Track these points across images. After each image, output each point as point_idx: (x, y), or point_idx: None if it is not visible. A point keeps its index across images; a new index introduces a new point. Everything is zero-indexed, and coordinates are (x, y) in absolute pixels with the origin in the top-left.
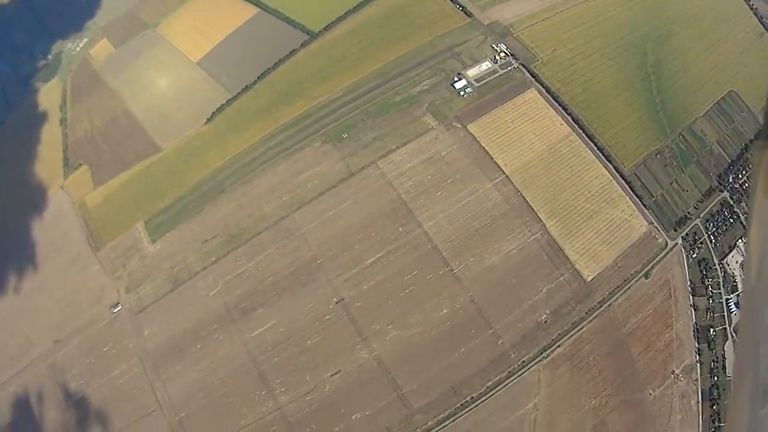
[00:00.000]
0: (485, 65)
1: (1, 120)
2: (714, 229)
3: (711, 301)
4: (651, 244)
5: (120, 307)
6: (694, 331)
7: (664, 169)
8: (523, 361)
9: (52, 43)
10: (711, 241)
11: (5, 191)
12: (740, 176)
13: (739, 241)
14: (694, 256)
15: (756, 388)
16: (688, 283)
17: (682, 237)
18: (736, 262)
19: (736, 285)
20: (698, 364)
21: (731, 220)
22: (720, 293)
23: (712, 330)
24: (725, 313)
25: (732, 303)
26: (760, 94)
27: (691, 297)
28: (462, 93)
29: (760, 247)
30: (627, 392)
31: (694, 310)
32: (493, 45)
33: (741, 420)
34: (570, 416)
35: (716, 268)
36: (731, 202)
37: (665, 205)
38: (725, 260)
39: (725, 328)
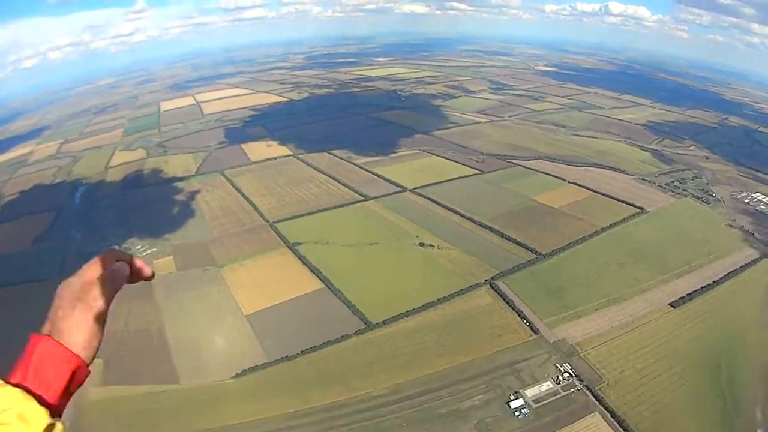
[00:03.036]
0: (546, 385)
1: (48, 277)
2: None
3: None
4: None
5: None
6: None
7: None
8: None
9: (127, 237)
10: None
11: (22, 345)
12: None
13: None
14: None
15: None
16: None
17: None
18: None
19: None
20: None
21: None
22: None
23: None
24: None
25: None
26: None
27: None
28: (517, 413)
29: None
30: None
31: None
32: (557, 365)
33: None
34: None
35: None
36: None
37: None
38: None
39: None
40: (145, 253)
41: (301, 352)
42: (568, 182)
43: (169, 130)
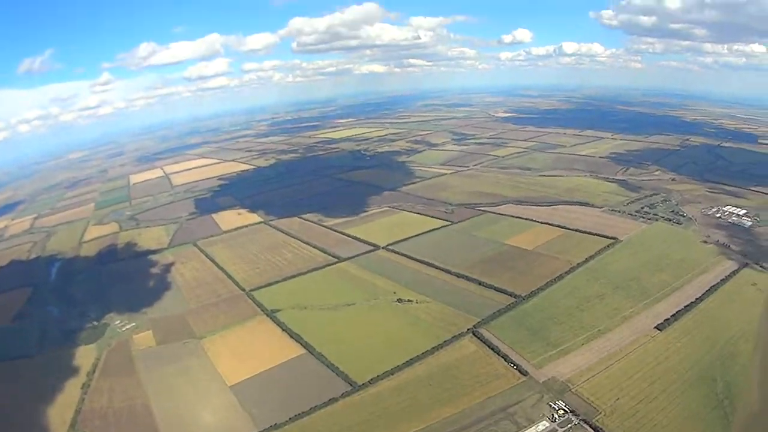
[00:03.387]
0: (542, 425)
1: (30, 354)
2: None
3: None
4: None
5: None
6: None
7: None
8: None
9: (105, 312)
10: None
11: (11, 418)
12: None
13: None
14: None
15: None
16: None
17: None
18: None
19: None
20: None
21: None
22: None
23: None
24: None
25: None
26: None
27: None
28: None
29: None
30: None
31: None
32: (551, 403)
33: None
34: None
35: None
36: None
37: None
38: None
39: None
40: (124, 329)
41: (290, 419)
42: (539, 223)
43: (140, 202)
